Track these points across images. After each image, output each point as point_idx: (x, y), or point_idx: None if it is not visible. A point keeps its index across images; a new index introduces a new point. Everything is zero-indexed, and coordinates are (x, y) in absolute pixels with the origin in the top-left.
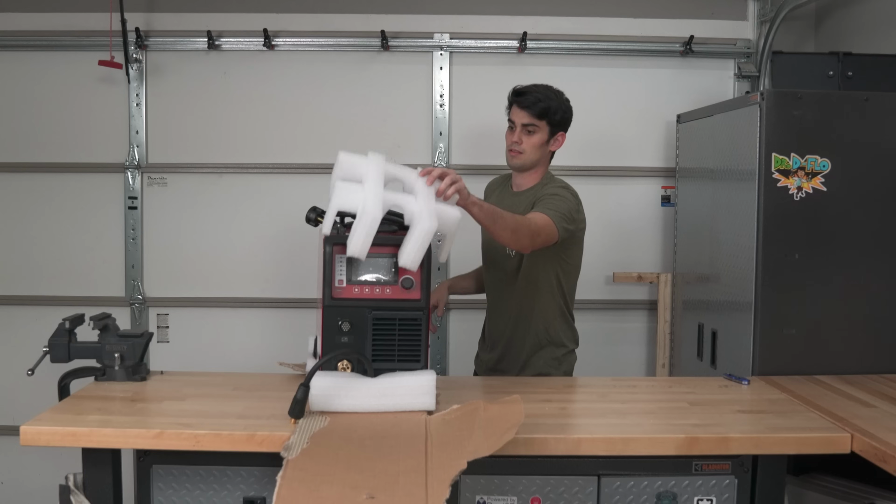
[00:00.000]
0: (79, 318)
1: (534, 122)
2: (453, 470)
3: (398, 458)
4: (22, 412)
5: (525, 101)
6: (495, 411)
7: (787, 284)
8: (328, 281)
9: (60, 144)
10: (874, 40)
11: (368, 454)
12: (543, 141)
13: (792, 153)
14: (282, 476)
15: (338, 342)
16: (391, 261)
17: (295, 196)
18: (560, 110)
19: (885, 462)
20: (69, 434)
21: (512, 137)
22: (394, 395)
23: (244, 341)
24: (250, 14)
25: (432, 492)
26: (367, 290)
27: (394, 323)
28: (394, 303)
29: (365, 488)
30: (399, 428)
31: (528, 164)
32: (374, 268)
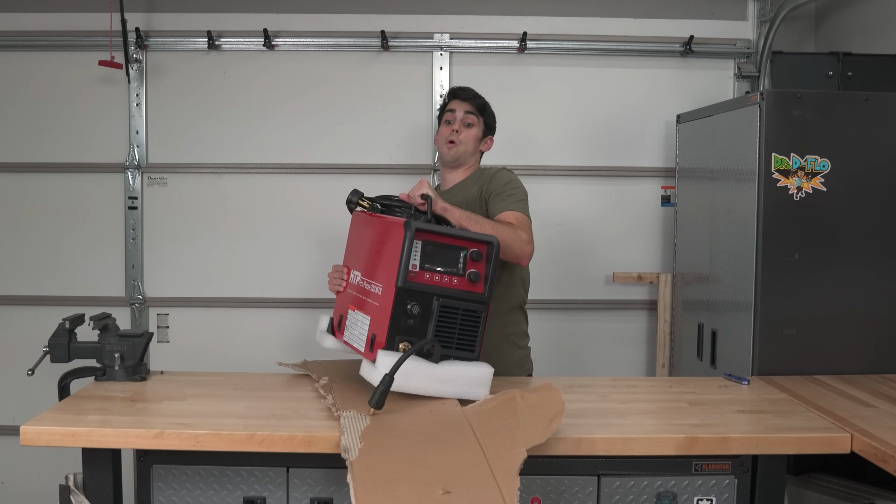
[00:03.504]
0: (79, 318)
1: (474, 112)
2: (515, 459)
3: (456, 450)
4: (22, 412)
5: (465, 94)
6: (534, 400)
7: (787, 284)
8: (405, 263)
9: (60, 144)
10: (874, 40)
11: (427, 449)
12: (479, 136)
13: (792, 153)
14: (352, 479)
15: (403, 324)
16: (460, 253)
17: (295, 196)
18: (492, 113)
19: (885, 462)
20: (69, 434)
21: (451, 128)
22: (455, 383)
23: (244, 341)
24: (250, 14)
25: (503, 482)
26: (437, 277)
27: (457, 312)
28: (460, 293)
29: (438, 483)
30: (442, 421)
31: (464, 156)
32: (445, 259)
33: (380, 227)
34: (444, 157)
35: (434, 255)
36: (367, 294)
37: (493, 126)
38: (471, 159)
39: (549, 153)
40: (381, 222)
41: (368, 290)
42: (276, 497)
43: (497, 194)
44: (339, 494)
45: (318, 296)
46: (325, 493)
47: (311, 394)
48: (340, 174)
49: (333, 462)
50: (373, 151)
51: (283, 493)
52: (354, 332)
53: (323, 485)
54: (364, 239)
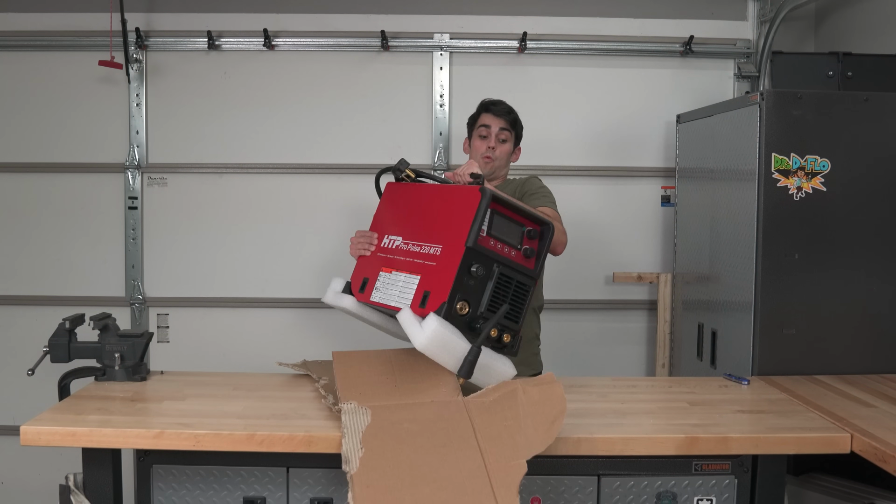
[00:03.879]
0: (79, 318)
1: (506, 129)
2: (515, 473)
3: (456, 460)
4: (22, 412)
5: (499, 109)
6: (536, 395)
7: (787, 284)
8: (478, 226)
9: (60, 144)
10: (874, 40)
11: (427, 458)
12: (509, 151)
13: (792, 153)
14: (353, 499)
15: (465, 284)
16: (521, 229)
17: (295, 196)
18: (521, 125)
19: (885, 462)
20: (69, 434)
21: (487, 143)
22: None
23: (244, 341)
24: (250, 14)
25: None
26: (500, 246)
27: (511, 283)
28: (517, 265)
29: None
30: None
31: (498, 171)
32: (507, 231)
33: (444, 191)
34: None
35: (498, 225)
36: (416, 255)
37: (520, 137)
38: (503, 171)
39: (549, 153)
40: (447, 188)
41: (418, 251)
42: (276, 497)
43: (532, 194)
44: (339, 494)
45: (318, 296)
46: (325, 493)
47: (311, 394)
48: (340, 174)
49: (333, 462)
50: (373, 151)
51: (283, 493)
52: (391, 292)
53: (323, 485)
54: (414, 205)
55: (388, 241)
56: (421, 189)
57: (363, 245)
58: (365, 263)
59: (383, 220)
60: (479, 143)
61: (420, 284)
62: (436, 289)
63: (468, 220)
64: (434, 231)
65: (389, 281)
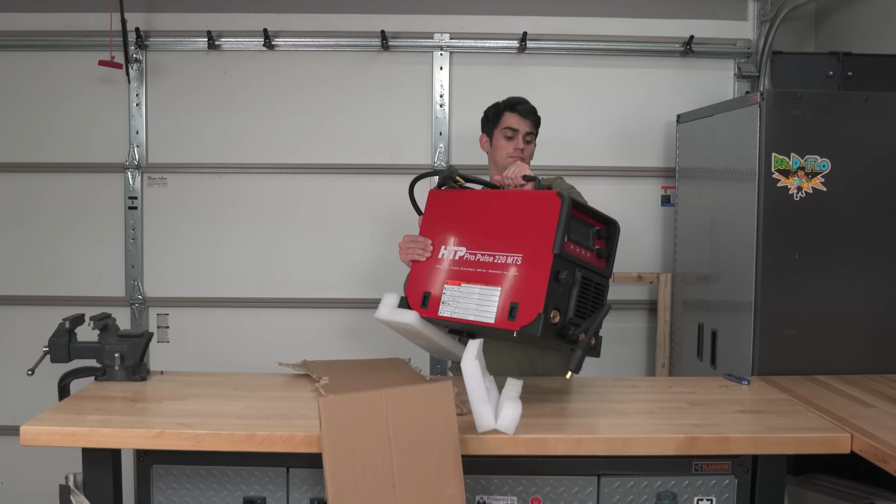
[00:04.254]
0: (79, 318)
1: (532, 130)
2: None
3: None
4: (22, 412)
5: (525, 109)
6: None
7: (787, 284)
8: (563, 233)
9: (60, 144)
10: (874, 40)
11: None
12: (533, 149)
13: (792, 153)
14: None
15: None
16: (591, 230)
17: (295, 196)
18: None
19: (885, 462)
20: (69, 434)
21: (514, 145)
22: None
23: (244, 341)
24: (250, 14)
25: None
26: (578, 250)
27: (591, 285)
28: (595, 267)
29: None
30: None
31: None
32: (580, 233)
33: (515, 198)
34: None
35: (574, 228)
36: (491, 266)
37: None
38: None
39: (549, 153)
40: (517, 194)
41: (492, 261)
42: (276, 497)
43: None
44: None
45: (318, 295)
46: (325, 493)
47: (311, 394)
48: (340, 174)
49: None
50: (373, 151)
51: (283, 493)
52: (465, 306)
53: (323, 485)
54: (475, 213)
55: (449, 252)
56: (480, 196)
57: (415, 250)
58: (421, 277)
59: (436, 229)
60: (506, 144)
61: (503, 296)
62: (525, 300)
63: (548, 226)
64: (509, 240)
65: (460, 294)
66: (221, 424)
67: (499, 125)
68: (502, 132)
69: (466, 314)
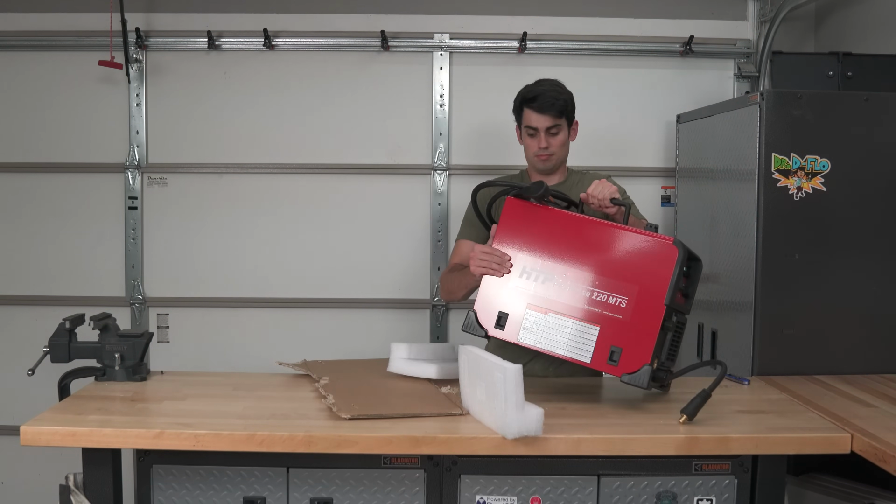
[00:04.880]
0: (79, 318)
1: (555, 122)
2: None
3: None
4: (22, 412)
5: (541, 104)
6: None
7: (787, 284)
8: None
9: (60, 144)
10: (874, 40)
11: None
12: (566, 137)
13: (792, 153)
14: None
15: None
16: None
17: (295, 195)
18: (572, 102)
19: (885, 462)
20: (69, 434)
21: (538, 143)
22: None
23: (244, 341)
24: (250, 14)
25: None
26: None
27: (681, 328)
28: (682, 307)
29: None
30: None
31: (557, 162)
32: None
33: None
34: (537, 167)
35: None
36: (590, 302)
37: (574, 112)
38: (563, 160)
39: None
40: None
41: (590, 297)
42: (276, 497)
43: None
44: (339, 494)
45: (318, 295)
46: (325, 493)
47: (311, 394)
48: (340, 174)
49: (333, 462)
50: (373, 151)
51: (283, 493)
52: (553, 338)
53: (323, 485)
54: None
55: (534, 275)
56: (577, 222)
57: (490, 265)
58: (496, 293)
59: (515, 243)
60: (530, 142)
61: (602, 337)
62: (630, 346)
63: (662, 275)
64: (613, 279)
65: (547, 324)
66: (221, 424)
67: (521, 121)
68: (525, 130)
69: (555, 347)
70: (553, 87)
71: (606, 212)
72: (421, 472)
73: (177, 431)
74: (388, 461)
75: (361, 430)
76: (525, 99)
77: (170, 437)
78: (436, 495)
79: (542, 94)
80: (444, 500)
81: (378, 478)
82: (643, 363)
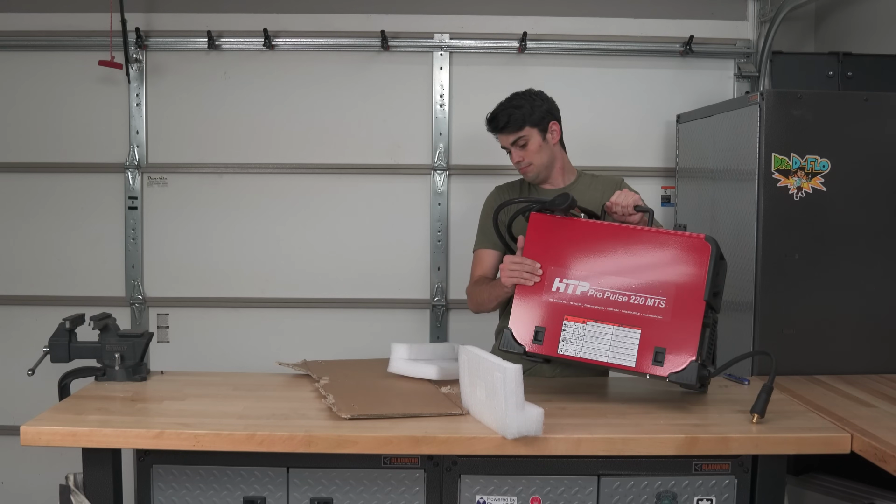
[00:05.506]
0: (79, 318)
1: (515, 136)
2: None
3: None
4: (22, 412)
5: (497, 124)
6: None
7: (787, 284)
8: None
9: (60, 144)
10: (874, 40)
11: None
12: (540, 142)
13: (792, 153)
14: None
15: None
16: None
17: (295, 196)
18: (535, 108)
19: (885, 462)
20: (69, 434)
21: (513, 159)
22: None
23: (244, 341)
24: (250, 14)
25: None
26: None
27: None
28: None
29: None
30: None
31: (543, 170)
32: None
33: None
34: (526, 178)
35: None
36: (626, 306)
37: (547, 115)
38: (553, 162)
39: None
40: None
41: (626, 301)
42: (276, 497)
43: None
44: (339, 494)
45: (318, 295)
46: (325, 493)
47: (311, 394)
48: (340, 174)
49: (333, 462)
50: (373, 151)
51: (283, 493)
52: (595, 346)
53: (323, 485)
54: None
55: (566, 286)
56: (605, 229)
57: (521, 274)
58: (530, 309)
59: (544, 256)
60: (510, 159)
61: (645, 339)
62: (675, 346)
63: (698, 272)
64: (648, 281)
65: (586, 333)
66: (221, 424)
67: None
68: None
69: (597, 355)
70: (509, 103)
71: (629, 220)
72: (421, 472)
73: (177, 431)
74: (388, 461)
75: (361, 430)
76: (487, 123)
77: (170, 437)
78: (436, 495)
79: (496, 115)
80: (444, 500)
81: (378, 478)
82: (689, 360)
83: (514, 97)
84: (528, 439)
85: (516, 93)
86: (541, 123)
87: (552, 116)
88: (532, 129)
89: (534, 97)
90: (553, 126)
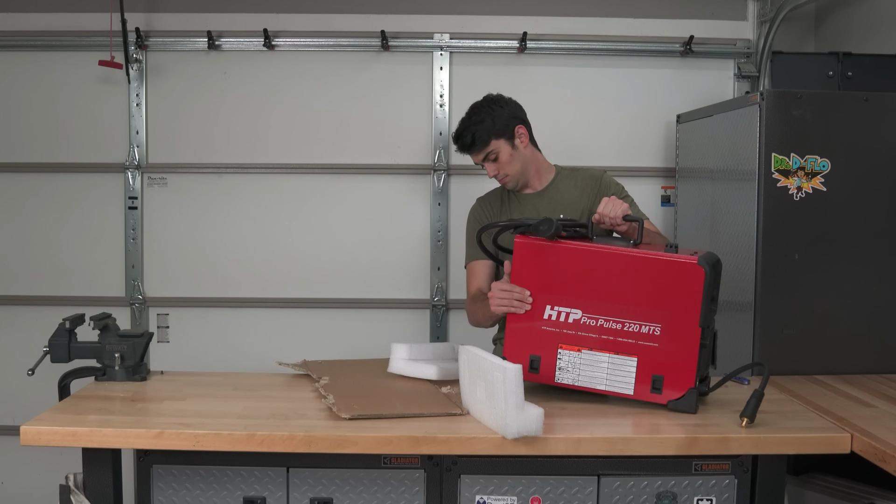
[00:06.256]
0: (79, 318)
1: (484, 152)
2: None
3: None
4: (22, 412)
5: (462, 146)
6: None
7: (787, 284)
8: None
9: (60, 144)
10: (874, 40)
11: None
12: (510, 151)
13: (792, 153)
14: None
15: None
16: None
17: (295, 196)
18: (497, 118)
19: (885, 462)
20: (69, 434)
21: (489, 174)
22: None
23: (244, 341)
24: (250, 14)
25: None
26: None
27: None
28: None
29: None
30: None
31: (520, 176)
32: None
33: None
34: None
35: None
36: (621, 334)
37: (510, 122)
38: (528, 167)
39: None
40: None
41: (620, 329)
42: (276, 497)
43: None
44: (339, 494)
45: (318, 295)
46: (325, 493)
47: (311, 394)
48: (340, 174)
49: (333, 462)
50: (373, 151)
51: (283, 493)
52: (592, 374)
53: (323, 485)
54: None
55: (558, 314)
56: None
57: (511, 302)
58: (523, 338)
59: (532, 283)
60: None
61: (641, 367)
62: (672, 373)
63: (692, 298)
64: (642, 308)
65: (582, 361)
66: (221, 424)
67: None
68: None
69: (594, 383)
70: (470, 119)
71: (618, 230)
72: (421, 472)
73: (177, 431)
74: (388, 461)
75: (361, 430)
76: (453, 142)
77: (170, 437)
78: (436, 495)
79: (460, 134)
80: (444, 500)
81: (378, 478)
82: (687, 388)
83: (473, 111)
84: (528, 439)
85: (475, 104)
86: (506, 132)
87: (517, 120)
88: (499, 141)
89: (493, 106)
90: (519, 130)
